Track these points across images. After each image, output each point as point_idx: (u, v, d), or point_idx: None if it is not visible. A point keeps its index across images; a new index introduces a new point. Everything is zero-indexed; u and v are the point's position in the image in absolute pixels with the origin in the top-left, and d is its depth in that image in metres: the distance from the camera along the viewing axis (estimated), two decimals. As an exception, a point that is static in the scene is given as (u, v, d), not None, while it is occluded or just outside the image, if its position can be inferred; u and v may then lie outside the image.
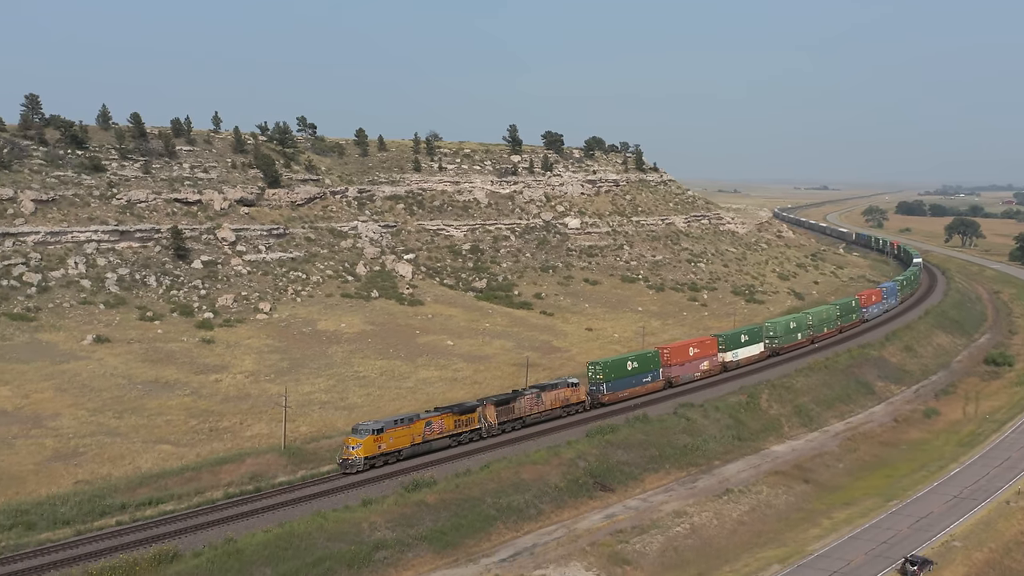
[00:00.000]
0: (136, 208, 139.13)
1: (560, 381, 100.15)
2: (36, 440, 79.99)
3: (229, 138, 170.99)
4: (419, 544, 69.41)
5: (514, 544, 72.76)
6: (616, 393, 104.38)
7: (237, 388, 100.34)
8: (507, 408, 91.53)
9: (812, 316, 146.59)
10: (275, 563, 61.85)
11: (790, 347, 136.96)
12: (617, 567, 70.69)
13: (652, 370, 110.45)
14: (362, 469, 77.21)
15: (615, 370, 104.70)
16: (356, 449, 77.37)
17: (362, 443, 77.35)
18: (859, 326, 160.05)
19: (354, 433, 79.14)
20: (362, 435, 78.12)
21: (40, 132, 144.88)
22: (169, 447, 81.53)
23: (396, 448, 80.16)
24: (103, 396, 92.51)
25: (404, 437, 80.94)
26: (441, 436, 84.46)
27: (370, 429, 78.60)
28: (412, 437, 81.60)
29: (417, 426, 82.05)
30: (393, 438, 79.80)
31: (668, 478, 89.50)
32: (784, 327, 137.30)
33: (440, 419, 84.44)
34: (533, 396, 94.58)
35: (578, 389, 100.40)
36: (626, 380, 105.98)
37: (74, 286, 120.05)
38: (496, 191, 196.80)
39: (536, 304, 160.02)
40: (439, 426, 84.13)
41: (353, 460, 77.29)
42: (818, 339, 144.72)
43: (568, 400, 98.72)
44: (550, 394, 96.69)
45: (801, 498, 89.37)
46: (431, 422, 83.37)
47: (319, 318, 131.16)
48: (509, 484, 79.55)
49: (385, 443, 79.00)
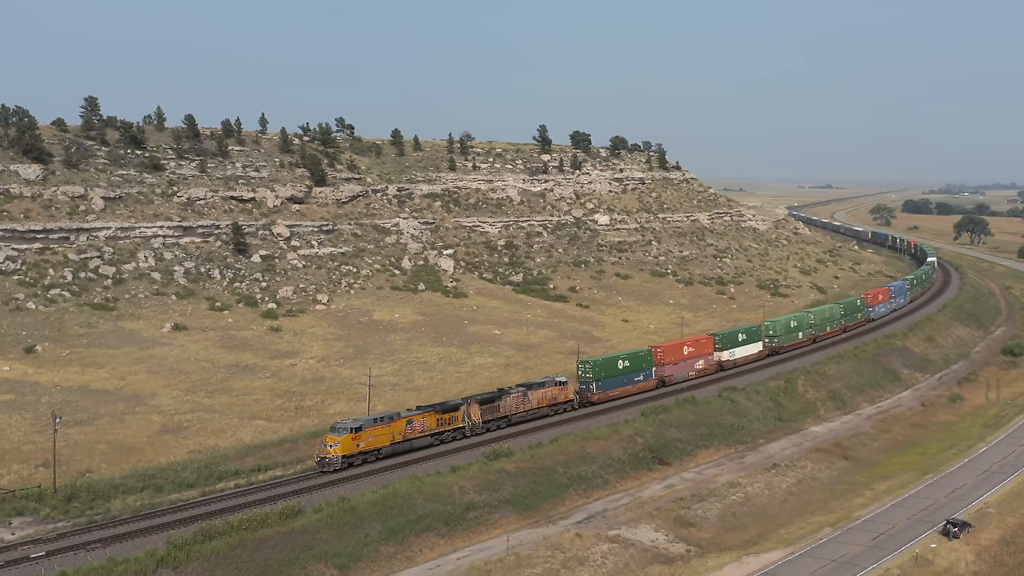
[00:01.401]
0: (196, 205, 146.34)
1: (548, 379, 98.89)
2: (143, 416, 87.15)
3: (275, 139, 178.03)
4: (504, 506, 76.58)
5: (586, 509, 79.84)
6: (606, 392, 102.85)
7: (311, 372, 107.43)
8: (492, 407, 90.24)
9: (814, 315, 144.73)
10: (384, 519, 69.07)
11: (790, 346, 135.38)
12: (683, 528, 77.67)
13: (644, 369, 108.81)
14: (339, 468, 75.98)
15: (605, 369, 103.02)
16: (334, 447, 76.12)
17: (339, 441, 76.16)
18: (864, 325, 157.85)
19: (332, 431, 78.14)
20: (340, 433, 76.91)
21: (102, 133, 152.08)
22: (263, 422, 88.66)
23: (375, 447, 78.89)
24: (192, 378, 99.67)
25: (383, 436, 79.68)
26: (423, 435, 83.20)
27: (348, 427, 77.36)
28: (392, 436, 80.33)
29: (397, 424, 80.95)
30: (372, 436, 78.55)
31: (718, 454, 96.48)
32: (784, 326, 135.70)
33: (422, 418, 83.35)
34: (519, 395, 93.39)
35: (566, 388, 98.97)
36: (617, 379, 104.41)
37: (146, 278, 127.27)
38: (528, 189, 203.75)
39: (571, 297, 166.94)
40: (420, 425, 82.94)
41: (331, 459, 75.99)
42: (820, 338, 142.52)
43: (556, 399, 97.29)
44: (537, 392, 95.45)
45: (842, 472, 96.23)
46: (412, 420, 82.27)
47: (373, 309, 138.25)
48: (577, 456, 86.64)
49: (363, 441, 77.76)
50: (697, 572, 69.69)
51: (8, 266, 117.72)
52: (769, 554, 72.68)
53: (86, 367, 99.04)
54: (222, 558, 60.34)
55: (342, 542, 65.60)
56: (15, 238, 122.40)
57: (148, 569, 57.26)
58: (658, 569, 70.50)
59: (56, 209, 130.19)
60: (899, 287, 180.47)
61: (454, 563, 67.45)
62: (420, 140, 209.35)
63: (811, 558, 71.53)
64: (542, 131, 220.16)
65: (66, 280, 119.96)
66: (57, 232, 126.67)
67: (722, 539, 77.09)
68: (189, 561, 58.87)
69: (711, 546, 75.25)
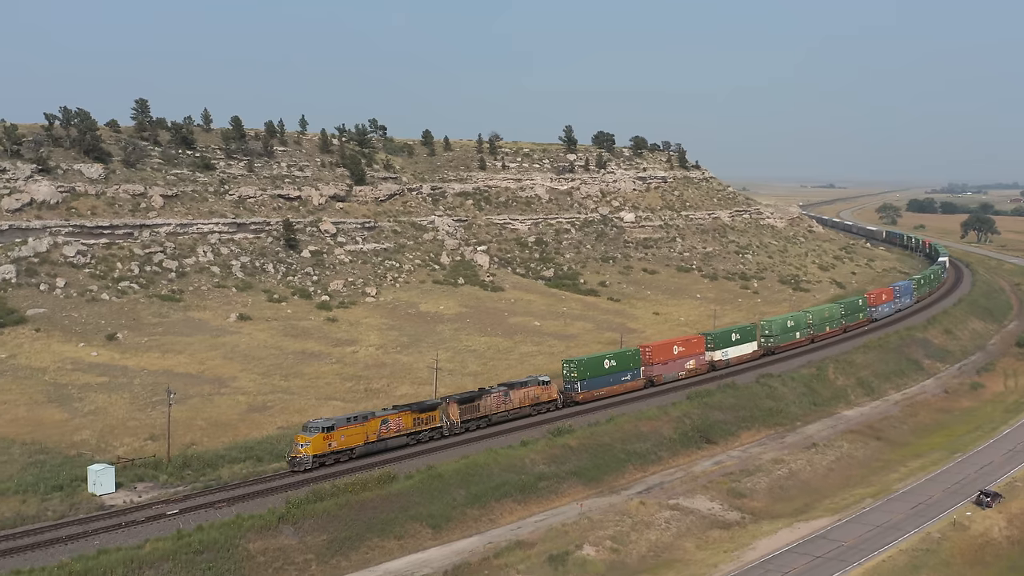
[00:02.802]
0: (247, 203, 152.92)
1: (531, 379, 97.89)
2: (229, 396, 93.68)
3: (315, 139, 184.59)
4: (570, 477, 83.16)
5: (644, 481, 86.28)
6: (591, 392, 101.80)
7: (372, 358, 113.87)
8: (471, 406, 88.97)
9: (812, 315, 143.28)
10: (467, 485, 75.72)
11: (786, 346, 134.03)
12: (735, 499, 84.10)
13: (632, 369, 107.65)
14: (310, 468, 74.79)
15: (591, 368, 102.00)
16: (304, 447, 74.99)
17: (310, 441, 75.10)
18: (866, 325, 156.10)
19: (304, 431, 76.97)
20: (311, 433, 75.86)
21: (154, 134, 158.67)
22: (339, 403, 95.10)
23: (348, 446, 77.83)
24: (265, 363, 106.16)
25: (357, 435, 78.63)
26: (399, 434, 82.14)
27: (319, 427, 76.16)
28: (366, 435, 79.28)
29: (372, 424, 79.92)
30: (345, 436, 77.51)
31: (759, 435, 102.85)
32: (781, 326, 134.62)
33: (397, 417, 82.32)
34: (500, 394, 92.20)
35: (549, 387, 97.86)
36: (603, 379, 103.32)
37: (206, 272, 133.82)
38: (555, 187, 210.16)
39: (602, 291, 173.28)
40: (396, 424, 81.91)
41: (301, 458, 74.80)
42: (818, 338, 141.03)
43: (538, 398, 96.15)
44: (519, 392, 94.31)
45: (876, 451, 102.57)
46: (387, 420, 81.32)
47: (419, 301, 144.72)
48: (631, 434, 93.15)
49: (336, 441, 76.72)
50: (753, 536, 76.10)
51: (79, 260, 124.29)
52: (818, 520, 79.12)
53: (165, 353, 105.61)
54: (332, 516, 66.99)
55: (433, 505, 72.20)
56: (83, 233, 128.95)
57: (271, 524, 63.91)
58: (717, 533, 76.98)
59: (119, 206, 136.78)
60: (904, 287, 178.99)
61: (533, 525, 73.95)
62: (450, 140, 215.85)
63: (857, 524, 77.89)
64: (568, 131, 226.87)
65: (133, 273, 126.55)
66: (122, 228, 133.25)
67: (772, 508, 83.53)
68: (305, 518, 65.54)
69: (763, 514, 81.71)
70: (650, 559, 71.19)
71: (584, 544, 71.01)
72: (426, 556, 67.19)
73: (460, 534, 71.22)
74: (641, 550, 72.28)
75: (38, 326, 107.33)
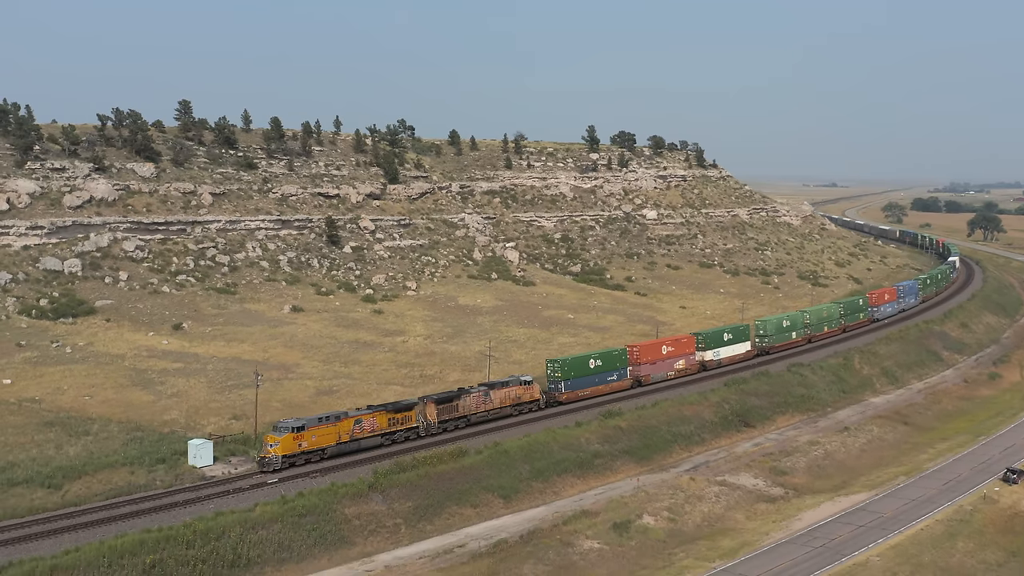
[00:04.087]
0: (289, 200, 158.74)
1: (512, 379, 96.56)
2: (297, 381, 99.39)
3: (349, 139, 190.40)
4: (622, 456, 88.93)
5: (691, 460, 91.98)
6: (575, 392, 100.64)
7: (421, 347, 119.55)
8: (450, 406, 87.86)
9: (810, 314, 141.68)
10: (530, 461, 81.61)
11: (781, 346, 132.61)
12: (777, 476, 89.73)
13: (618, 368, 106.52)
14: (279, 468, 73.67)
15: (575, 368, 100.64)
16: (274, 447, 73.95)
17: (280, 441, 74.05)
18: (867, 325, 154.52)
19: (273, 431, 75.96)
20: (281, 433, 74.83)
21: (199, 134, 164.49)
22: (399, 387, 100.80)
23: (319, 447, 76.82)
24: (323, 351, 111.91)
25: (329, 435, 77.58)
26: (372, 435, 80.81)
27: (290, 427, 75.17)
28: (338, 435, 78.26)
29: (345, 424, 78.83)
30: (316, 436, 76.52)
31: (794, 419, 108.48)
32: (776, 326, 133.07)
33: (371, 417, 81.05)
34: (480, 394, 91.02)
35: (531, 387, 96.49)
36: (588, 379, 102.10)
37: (256, 266, 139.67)
38: (579, 186, 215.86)
39: (629, 286, 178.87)
40: (370, 424, 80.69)
41: (270, 459, 73.66)
42: (815, 338, 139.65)
43: (520, 398, 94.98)
44: (500, 392, 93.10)
45: (905, 435, 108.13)
46: (361, 420, 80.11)
47: (457, 295, 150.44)
48: (676, 418, 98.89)
49: (306, 441, 75.71)
50: (798, 508, 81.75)
51: (138, 254, 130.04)
52: (856, 495, 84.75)
53: (230, 341, 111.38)
54: (414, 486, 72.85)
55: (501, 478, 78.02)
56: (140, 229, 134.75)
57: (362, 491, 69.85)
58: (764, 506, 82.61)
59: (171, 203, 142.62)
60: (909, 287, 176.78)
61: (594, 497, 79.69)
62: (476, 140, 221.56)
63: (893, 498, 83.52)
64: (590, 131, 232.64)
65: (189, 267, 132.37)
66: (176, 224, 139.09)
67: (812, 485, 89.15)
68: (391, 487, 71.48)
69: (804, 490, 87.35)
70: (705, 528, 76.84)
71: (644, 514, 76.69)
72: (500, 523, 72.93)
73: (528, 504, 77.01)
74: (696, 520, 77.96)
75: (108, 316, 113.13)
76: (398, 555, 65.88)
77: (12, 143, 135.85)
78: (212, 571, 58.34)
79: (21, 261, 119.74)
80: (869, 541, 72.58)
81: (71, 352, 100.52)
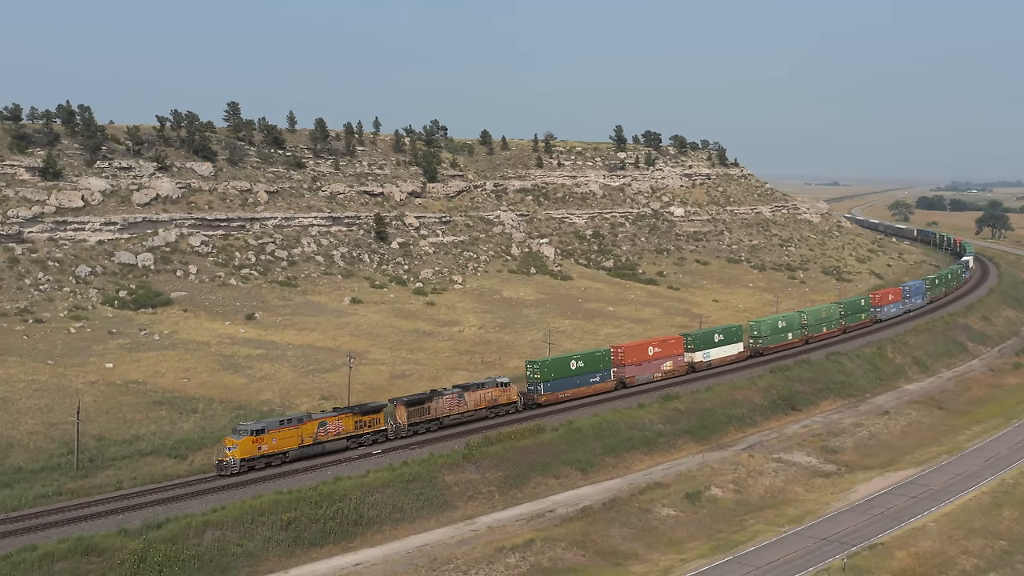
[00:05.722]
0: (337, 198, 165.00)
1: (488, 380, 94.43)
2: (371, 367, 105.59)
3: (388, 139, 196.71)
4: (683, 435, 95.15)
5: (745, 440, 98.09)
6: (555, 394, 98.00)
7: (477, 336, 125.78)
8: (420, 409, 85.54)
9: (808, 315, 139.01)
10: (601, 438, 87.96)
11: (777, 347, 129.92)
12: (829, 454, 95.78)
13: (602, 370, 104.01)
14: (238, 472, 71.78)
15: (555, 369, 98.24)
16: (232, 450, 72.15)
17: (238, 444, 72.27)
18: (869, 326, 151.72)
19: (232, 433, 74.40)
20: (239, 436, 73.01)
21: (248, 135, 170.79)
22: (465, 372, 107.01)
23: (281, 449, 74.87)
24: (388, 340, 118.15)
25: (291, 438, 75.76)
26: (337, 438, 78.85)
27: (249, 429, 73.45)
28: (301, 438, 76.42)
29: (308, 427, 77.07)
30: (277, 439, 74.60)
31: (836, 404, 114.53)
32: (771, 326, 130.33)
33: (337, 420, 79.12)
34: (454, 396, 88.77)
35: (508, 389, 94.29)
36: (569, 380, 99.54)
37: (312, 261, 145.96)
38: (608, 184, 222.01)
39: (661, 281, 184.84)
40: (335, 427, 78.71)
41: (228, 462, 71.88)
42: (813, 339, 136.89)
43: (496, 400, 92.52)
44: (475, 394, 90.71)
45: (941, 418, 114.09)
46: (325, 423, 78.21)
47: (500, 288, 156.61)
48: (728, 401, 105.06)
49: (267, 444, 73.79)
50: (852, 482, 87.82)
51: (203, 249, 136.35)
52: (904, 471, 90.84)
53: (300, 331, 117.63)
54: (502, 458, 79.21)
55: (577, 452, 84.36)
56: (203, 225, 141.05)
57: (457, 462, 76.38)
58: (820, 480, 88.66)
59: (230, 201, 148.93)
60: (916, 287, 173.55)
61: (662, 472, 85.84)
62: (507, 140, 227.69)
63: (939, 473, 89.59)
64: (618, 131, 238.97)
65: (251, 261, 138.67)
66: (236, 221, 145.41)
67: (862, 462, 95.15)
68: (482, 459, 77.76)
69: (855, 466, 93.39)
70: (768, 499, 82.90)
71: (711, 486, 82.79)
72: (581, 492, 79.20)
73: (604, 476, 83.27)
74: (759, 492, 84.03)
75: (184, 307, 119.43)
76: (496, 518, 72.17)
77: (80, 143, 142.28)
78: (340, 528, 64.80)
79: (97, 255, 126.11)
80: (923, 509, 78.64)
81: (159, 339, 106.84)
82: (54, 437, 75.96)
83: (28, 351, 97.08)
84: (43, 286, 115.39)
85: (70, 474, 69.80)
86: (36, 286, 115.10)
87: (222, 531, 60.52)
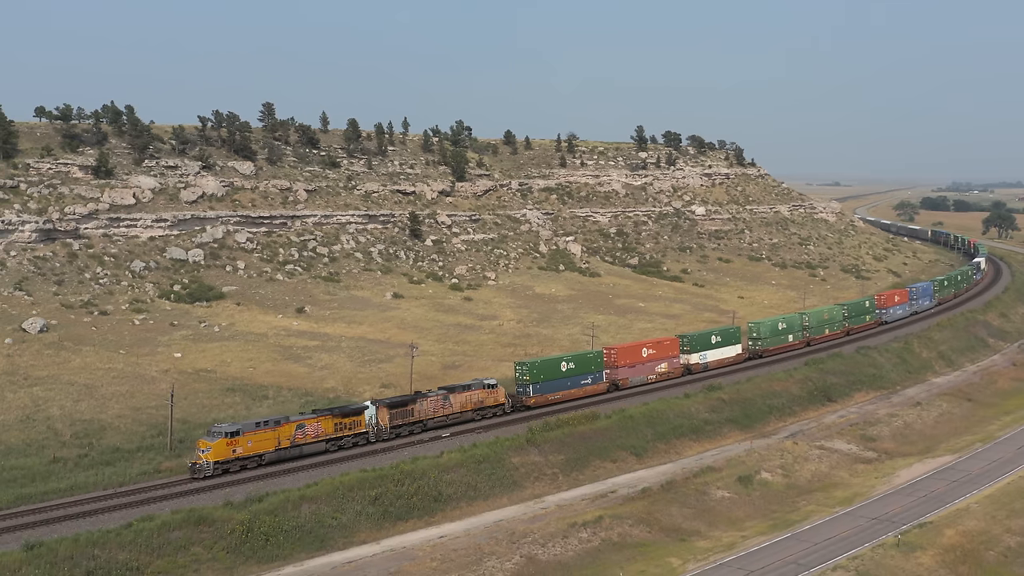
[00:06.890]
0: (372, 197, 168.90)
1: (475, 382, 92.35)
2: (421, 357, 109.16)
3: (417, 139, 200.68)
4: (727, 424, 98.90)
5: (787, 429, 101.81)
6: (545, 396, 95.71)
7: (517, 330, 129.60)
8: (404, 411, 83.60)
9: (809, 316, 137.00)
10: (652, 426, 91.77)
11: (776, 349, 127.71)
12: (868, 442, 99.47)
13: (593, 372, 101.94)
14: (211, 474, 70.11)
15: (545, 371, 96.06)
16: (205, 453, 70.46)
17: (212, 447, 70.59)
18: (873, 328, 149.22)
19: (207, 435, 72.80)
20: (213, 438, 71.47)
21: (284, 135, 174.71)
22: (509, 363, 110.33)
23: (256, 452, 73.22)
24: (433, 332, 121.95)
25: (267, 441, 73.99)
26: (316, 440, 77.23)
27: (223, 432, 71.85)
28: (278, 441, 74.68)
29: (285, 429, 75.37)
30: (252, 441, 72.96)
31: (869, 395, 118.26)
32: (771, 328, 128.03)
33: (316, 422, 77.44)
34: (438, 398, 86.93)
35: (495, 391, 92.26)
36: (559, 382, 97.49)
37: (351, 257, 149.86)
38: (630, 183, 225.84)
39: (685, 278, 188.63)
40: (314, 430, 77.04)
41: (201, 464, 70.20)
42: (815, 341, 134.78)
43: (483, 402, 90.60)
44: (461, 396, 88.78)
45: (970, 410, 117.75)
46: (304, 425, 76.56)
47: (532, 284, 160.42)
48: (768, 392, 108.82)
49: (242, 447, 72.17)
50: (893, 468, 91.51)
51: (248, 245, 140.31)
52: (942, 458, 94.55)
53: (350, 323, 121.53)
54: (562, 442, 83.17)
55: (631, 438, 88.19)
56: (248, 223, 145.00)
57: (522, 445, 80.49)
58: (862, 466, 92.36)
59: (272, 199, 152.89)
60: (923, 288, 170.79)
61: (712, 457, 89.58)
62: (530, 140, 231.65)
63: (976, 459, 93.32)
64: (639, 131, 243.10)
65: (295, 258, 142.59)
66: (278, 218, 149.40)
67: (900, 449, 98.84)
68: (544, 443, 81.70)
69: (894, 453, 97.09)
70: (816, 482, 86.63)
71: (761, 470, 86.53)
72: (638, 475, 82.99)
73: (657, 461, 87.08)
74: (807, 476, 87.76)
75: (237, 300, 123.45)
76: (562, 497, 76.03)
77: (128, 143, 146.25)
78: (422, 503, 68.79)
79: (150, 251, 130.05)
80: (965, 492, 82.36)
81: (219, 331, 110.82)
82: (141, 420, 80.00)
83: (100, 341, 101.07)
84: (102, 280, 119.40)
85: (164, 453, 73.90)
86: (96, 280, 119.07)
87: (317, 505, 64.50)
